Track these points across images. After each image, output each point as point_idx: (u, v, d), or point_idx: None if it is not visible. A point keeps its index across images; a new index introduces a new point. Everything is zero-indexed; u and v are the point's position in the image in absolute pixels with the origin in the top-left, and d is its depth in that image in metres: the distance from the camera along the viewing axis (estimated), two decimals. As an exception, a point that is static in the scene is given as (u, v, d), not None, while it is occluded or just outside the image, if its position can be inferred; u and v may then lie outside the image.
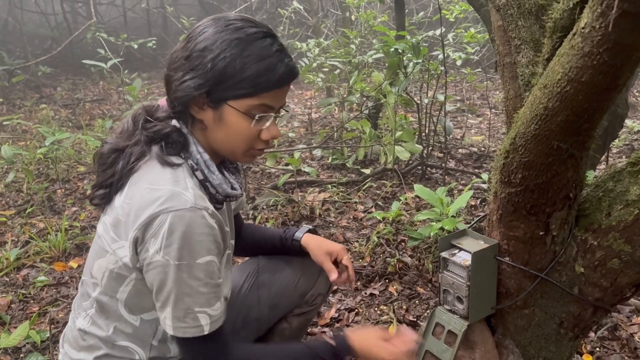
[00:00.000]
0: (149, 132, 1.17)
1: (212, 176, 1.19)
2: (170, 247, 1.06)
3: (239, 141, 1.18)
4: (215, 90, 1.12)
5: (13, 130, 5.16)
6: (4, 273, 2.64)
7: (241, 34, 1.11)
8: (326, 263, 1.51)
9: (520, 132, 1.18)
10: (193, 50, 1.12)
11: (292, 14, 6.93)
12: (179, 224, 1.06)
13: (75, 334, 1.27)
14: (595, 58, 0.94)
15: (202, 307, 1.12)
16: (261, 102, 1.14)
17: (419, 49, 3.40)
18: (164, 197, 1.07)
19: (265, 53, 1.11)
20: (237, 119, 1.14)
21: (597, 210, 1.30)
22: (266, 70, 1.11)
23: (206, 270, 1.10)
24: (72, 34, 7.45)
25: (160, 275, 1.09)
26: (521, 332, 1.48)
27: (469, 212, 3.17)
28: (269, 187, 3.59)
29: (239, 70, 1.10)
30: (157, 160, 1.15)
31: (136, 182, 1.14)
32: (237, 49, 1.10)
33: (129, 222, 1.10)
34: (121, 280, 1.17)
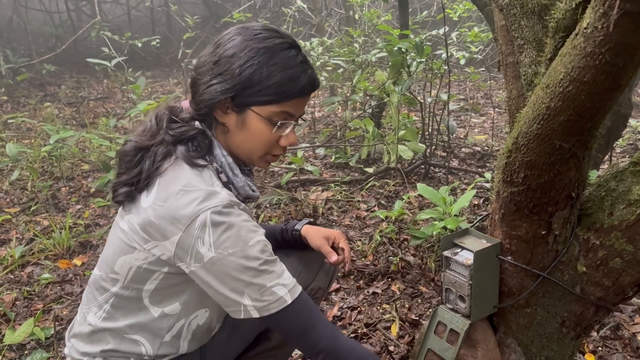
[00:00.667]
0: (174, 132, 1.20)
1: (235, 179, 1.24)
2: (219, 239, 1.10)
3: (258, 145, 1.23)
4: (240, 96, 1.17)
5: (17, 128, 5.19)
6: (8, 270, 2.65)
7: (268, 43, 1.17)
8: (324, 246, 1.54)
9: (522, 132, 1.18)
10: (222, 55, 1.17)
11: (296, 13, 6.93)
12: (220, 218, 1.10)
13: (85, 328, 1.28)
14: (598, 58, 0.94)
15: (273, 280, 1.15)
16: (283, 109, 1.20)
17: (423, 48, 3.40)
18: (201, 197, 1.12)
19: (290, 63, 1.18)
20: (259, 124, 1.20)
21: (600, 210, 1.30)
22: (290, 79, 1.17)
23: (261, 249, 1.14)
24: (77, 32, 7.48)
25: (221, 269, 1.12)
26: (523, 331, 1.49)
27: (471, 211, 3.17)
28: (272, 186, 3.60)
29: (265, 78, 1.16)
30: (185, 162, 1.18)
31: (167, 185, 1.16)
32: (264, 57, 1.16)
33: (166, 224, 1.13)
34: (149, 275, 1.20)
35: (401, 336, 2.11)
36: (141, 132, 1.25)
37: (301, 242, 1.61)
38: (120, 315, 1.25)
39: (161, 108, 1.28)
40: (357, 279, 2.54)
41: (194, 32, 6.21)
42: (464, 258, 1.42)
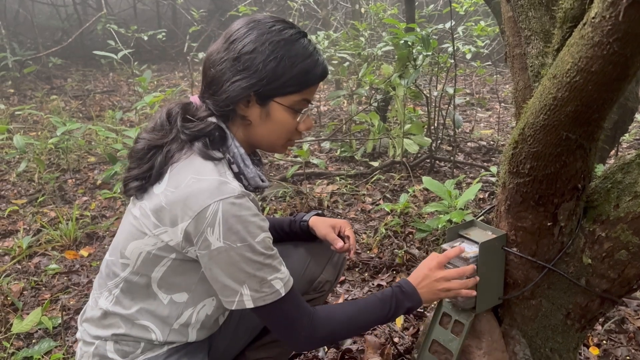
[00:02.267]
0: (191, 131, 1.22)
1: (247, 169, 1.26)
2: (229, 232, 1.13)
3: (282, 135, 1.28)
4: (264, 89, 1.20)
5: (24, 120, 5.21)
6: (16, 261, 2.68)
7: (285, 35, 1.20)
8: (330, 234, 1.58)
9: (529, 123, 1.18)
10: (241, 52, 1.19)
11: (302, 6, 6.91)
12: (232, 210, 1.13)
13: (96, 313, 1.31)
14: (605, 48, 0.94)
15: (273, 274, 1.20)
16: (303, 97, 1.24)
17: (429, 41, 3.39)
18: (213, 187, 1.14)
19: (307, 52, 1.22)
20: (283, 114, 1.24)
21: (606, 202, 1.30)
22: (310, 67, 1.21)
23: (265, 245, 1.18)
24: (83, 25, 7.50)
25: (227, 259, 1.16)
26: (528, 322, 1.49)
27: (477, 205, 3.17)
28: (277, 179, 3.61)
29: (289, 69, 1.19)
30: (200, 155, 1.20)
31: (179, 172, 1.19)
32: (284, 49, 1.19)
33: (177, 210, 1.15)
34: (158, 261, 1.22)
35: (406, 328, 2.12)
36: (151, 130, 1.27)
37: (309, 233, 1.62)
38: (130, 300, 1.27)
39: (172, 105, 1.29)
40: (362, 271, 2.55)
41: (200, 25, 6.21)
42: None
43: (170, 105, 1.29)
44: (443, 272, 1.39)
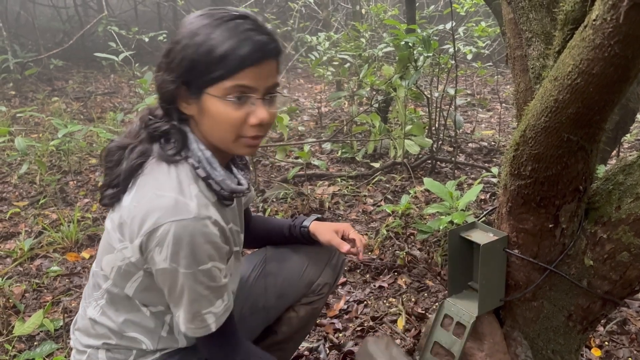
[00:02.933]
0: (149, 129, 1.18)
1: (214, 173, 1.18)
2: (177, 255, 1.09)
3: (225, 129, 1.14)
4: (192, 81, 1.11)
5: (26, 122, 5.21)
6: (18, 263, 2.68)
7: (209, 19, 1.10)
8: (334, 239, 1.53)
9: (530, 125, 1.18)
10: (169, 47, 1.14)
11: (303, 8, 6.92)
12: (184, 233, 1.08)
13: (86, 323, 1.30)
14: (607, 50, 0.94)
15: (207, 308, 1.17)
16: (237, 82, 1.10)
17: (430, 42, 3.39)
18: (167, 207, 1.09)
19: (232, 33, 1.08)
20: (217, 106, 1.11)
21: (607, 203, 1.30)
22: (233, 48, 1.07)
23: (209, 275, 1.13)
24: (84, 27, 7.50)
25: (169, 281, 1.13)
26: (530, 324, 1.49)
27: (478, 206, 3.17)
28: (278, 180, 3.61)
29: (207, 54, 1.08)
30: (160, 159, 1.16)
31: (144, 185, 1.15)
32: (203, 35, 1.08)
33: (134, 226, 1.11)
34: (129, 276, 1.20)
35: (407, 330, 2.12)
36: (126, 134, 1.24)
37: (309, 238, 1.60)
38: (115, 312, 1.26)
39: (144, 109, 1.26)
40: (363, 273, 2.55)
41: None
42: None
43: (144, 109, 1.27)
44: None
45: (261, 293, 1.56)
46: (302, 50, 6.69)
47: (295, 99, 6.43)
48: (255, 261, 1.62)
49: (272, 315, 1.59)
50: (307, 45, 5.21)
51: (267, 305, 1.56)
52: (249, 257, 1.67)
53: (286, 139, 4.33)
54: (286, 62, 7.46)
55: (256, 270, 1.59)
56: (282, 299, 1.58)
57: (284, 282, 1.57)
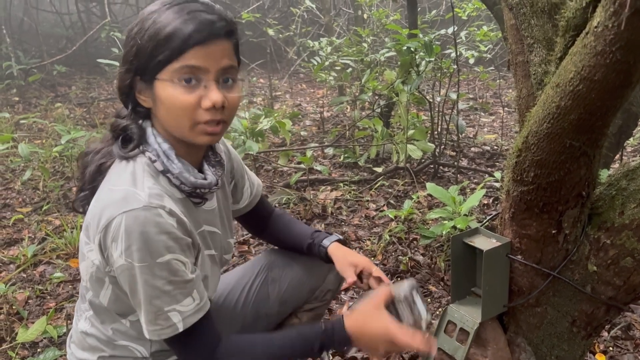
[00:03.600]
0: (113, 128, 1.17)
1: (171, 165, 1.14)
2: (130, 249, 1.04)
3: (178, 115, 1.09)
4: (142, 69, 1.09)
5: (29, 128, 5.23)
6: (21, 269, 2.68)
7: (158, 5, 1.09)
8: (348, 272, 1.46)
9: (532, 131, 1.18)
10: (125, 39, 1.14)
11: (305, 13, 6.94)
12: (134, 224, 1.03)
13: (79, 336, 1.29)
14: (608, 56, 0.94)
15: (171, 304, 1.10)
16: (184, 63, 1.05)
17: (432, 47, 3.40)
18: (119, 198, 1.06)
19: (178, 14, 1.06)
20: (167, 90, 1.07)
21: (610, 209, 1.30)
22: (178, 27, 1.04)
23: (169, 269, 1.07)
24: (87, 33, 7.54)
25: (128, 279, 1.08)
26: (533, 330, 1.48)
27: (481, 210, 3.17)
28: (281, 185, 3.61)
29: (153, 37, 1.06)
30: (116, 156, 1.15)
31: (103, 184, 1.14)
32: (151, 19, 1.07)
33: (94, 224, 1.09)
34: (101, 284, 1.16)
35: (411, 335, 2.11)
36: (102, 138, 1.23)
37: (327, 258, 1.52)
38: (101, 323, 1.23)
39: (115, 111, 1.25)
40: (366, 278, 2.54)
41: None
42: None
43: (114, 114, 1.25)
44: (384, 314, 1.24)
45: (264, 300, 1.56)
46: (304, 55, 6.70)
47: (297, 103, 6.44)
48: (258, 267, 1.62)
49: (273, 321, 1.59)
50: (309, 50, 5.22)
51: (270, 312, 1.56)
52: (252, 262, 1.67)
53: (288, 144, 4.34)
54: (288, 67, 7.47)
55: (259, 277, 1.59)
56: (284, 305, 1.58)
57: (287, 289, 1.57)
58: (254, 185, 1.54)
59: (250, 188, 1.53)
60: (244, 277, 1.60)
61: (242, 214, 1.55)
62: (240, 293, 1.57)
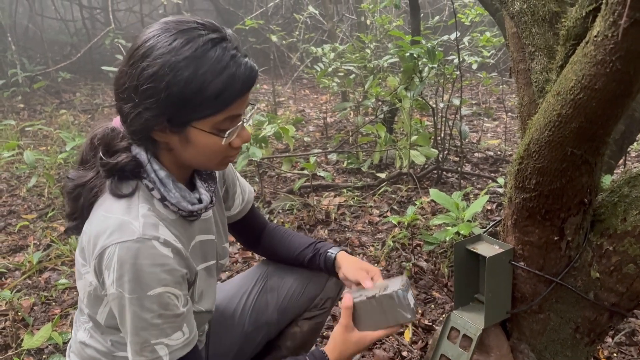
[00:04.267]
0: (107, 168, 1.11)
1: (169, 194, 1.13)
2: (122, 279, 1.03)
3: (211, 157, 1.12)
4: (175, 116, 1.05)
5: (34, 135, 5.26)
6: (26, 276, 2.70)
7: (190, 50, 1.01)
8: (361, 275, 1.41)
9: (534, 139, 1.19)
10: (140, 77, 1.02)
11: (308, 19, 6.97)
12: (127, 256, 1.02)
13: (78, 346, 1.29)
14: (608, 66, 0.95)
15: (159, 338, 1.08)
16: (227, 115, 1.07)
17: (435, 53, 3.41)
18: (112, 228, 1.05)
19: (221, 65, 1.02)
20: (206, 139, 1.08)
21: (613, 216, 1.30)
22: (226, 83, 1.03)
23: (159, 302, 1.06)
24: (91, 40, 7.58)
25: (118, 307, 1.08)
26: (537, 336, 1.49)
27: (485, 216, 3.17)
28: (284, 192, 3.62)
29: (198, 92, 1.01)
30: (110, 193, 1.11)
31: (96, 208, 1.13)
32: (190, 69, 1.00)
33: (90, 249, 1.09)
34: (99, 302, 1.17)
35: (414, 342, 2.11)
36: (79, 164, 1.18)
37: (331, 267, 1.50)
38: (101, 334, 1.24)
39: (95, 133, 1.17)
40: (370, 284, 2.55)
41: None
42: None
43: (93, 132, 1.18)
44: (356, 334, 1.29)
45: (263, 308, 1.56)
46: (308, 61, 6.73)
47: (301, 109, 6.45)
48: (257, 276, 1.62)
49: (273, 330, 1.59)
50: (313, 56, 5.24)
51: (269, 320, 1.56)
52: (251, 271, 1.67)
53: (292, 150, 4.35)
54: (292, 73, 7.50)
55: (258, 285, 1.59)
56: (284, 314, 1.57)
57: (286, 298, 1.56)
58: (245, 192, 1.52)
59: (242, 195, 1.51)
60: (243, 286, 1.60)
61: (234, 221, 1.53)
62: (239, 302, 1.57)
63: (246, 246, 1.66)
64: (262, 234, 1.61)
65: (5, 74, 6.55)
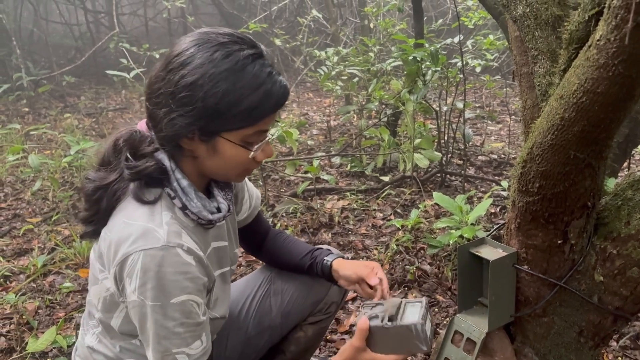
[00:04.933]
0: (133, 171, 1.11)
1: (190, 203, 1.14)
2: (144, 287, 1.03)
3: (234, 168, 1.15)
4: (207, 126, 1.07)
5: (39, 139, 5.28)
6: (31, 279, 2.71)
7: (229, 63, 1.04)
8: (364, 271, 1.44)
9: (537, 142, 1.19)
10: (178, 84, 1.04)
11: (311, 23, 6.98)
12: (151, 263, 1.03)
13: (85, 350, 1.29)
14: (611, 70, 0.95)
15: (180, 347, 1.09)
16: (257, 129, 1.10)
17: (438, 56, 3.41)
18: (136, 235, 1.05)
19: (258, 81, 1.05)
20: (233, 150, 1.11)
21: (616, 219, 1.30)
22: (261, 99, 1.06)
23: (182, 310, 1.07)
24: (96, 44, 7.61)
25: (138, 315, 1.07)
26: (540, 340, 1.48)
27: (488, 219, 3.16)
28: (288, 195, 3.62)
29: (234, 105, 1.04)
30: (133, 197, 1.12)
31: (116, 214, 1.13)
32: (228, 81, 1.03)
33: (110, 256, 1.09)
34: (115, 307, 1.17)
35: (418, 345, 2.11)
36: (99, 165, 1.18)
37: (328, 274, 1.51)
38: (110, 339, 1.24)
39: (119, 135, 1.18)
40: (373, 287, 2.54)
41: (211, 42, 6.25)
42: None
43: (117, 134, 1.18)
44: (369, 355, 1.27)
45: (267, 312, 1.56)
46: (311, 64, 6.73)
47: (304, 112, 6.46)
48: (261, 279, 1.62)
49: (277, 334, 1.58)
50: (316, 60, 5.25)
51: (273, 324, 1.56)
52: (255, 274, 1.67)
53: (295, 153, 4.36)
54: (295, 76, 7.51)
55: (262, 289, 1.59)
56: (288, 318, 1.57)
57: (290, 302, 1.56)
58: (253, 197, 1.53)
59: (250, 200, 1.51)
60: (247, 289, 1.60)
61: (240, 227, 1.53)
62: (243, 305, 1.57)
63: (248, 251, 1.67)
64: (264, 240, 1.61)
65: (10, 78, 6.58)
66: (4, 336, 2.25)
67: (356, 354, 1.27)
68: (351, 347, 1.27)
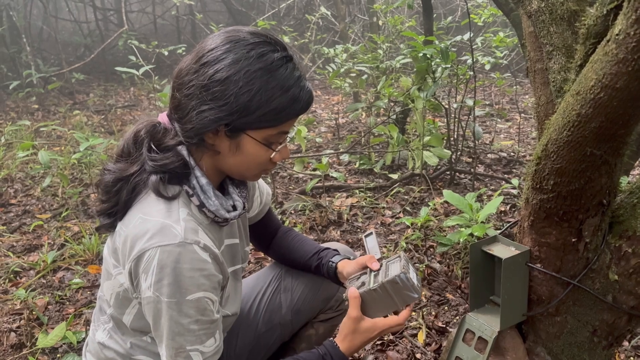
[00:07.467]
0: (155, 164, 1.11)
1: (208, 201, 1.15)
2: (160, 283, 1.03)
3: (252, 167, 1.17)
4: (235, 122, 1.08)
5: (48, 136, 5.31)
6: (41, 275, 2.72)
7: (263, 62, 1.06)
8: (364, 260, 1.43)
9: (552, 139, 1.17)
10: (212, 78, 1.05)
11: (320, 20, 6.97)
12: (168, 259, 1.03)
13: (96, 346, 1.29)
14: (630, 64, 0.94)
15: (194, 344, 1.09)
16: (280, 130, 1.13)
17: (448, 53, 3.39)
18: (153, 231, 1.05)
19: (289, 83, 1.08)
20: (255, 148, 1.13)
21: (632, 217, 1.28)
22: (290, 101, 1.09)
23: (197, 307, 1.07)
24: (105, 41, 7.63)
25: (153, 311, 1.07)
26: (553, 339, 1.47)
27: (498, 217, 3.14)
28: (297, 192, 3.62)
29: (264, 104, 1.06)
30: (153, 191, 1.11)
31: (133, 208, 1.12)
32: (261, 80, 1.06)
33: (125, 251, 1.09)
34: (127, 303, 1.17)
35: (428, 344, 2.10)
36: (118, 156, 1.18)
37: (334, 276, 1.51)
38: (121, 335, 1.24)
39: (140, 127, 1.18)
40: (382, 285, 2.53)
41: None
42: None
43: (138, 126, 1.18)
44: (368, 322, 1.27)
45: (277, 309, 1.55)
46: (320, 62, 6.72)
47: (313, 110, 6.45)
48: (271, 275, 1.61)
49: (287, 331, 1.58)
50: (325, 57, 5.23)
51: (283, 321, 1.55)
52: (266, 270, 1.66)
53: (304, 151, 4.35)
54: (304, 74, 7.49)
55: (273, 285, 1.58)
56: (298, 315, 1.57)
57: (300, 299, 1.56)
58: (264, 194, 1.53)
59: (260, 197, 1.51)
60: (257, 286, 1.60)
61: (250, 223, 1.53)
62: (253, 302, 1.57)
63: (258, 248, 1.67)
64: (274, 238, 1.61)
65: (20, 75, 6.62)
66: (14, 331, 2.26)
67: (355, 325, 1.27)
68: (349, 319, 1.27)
